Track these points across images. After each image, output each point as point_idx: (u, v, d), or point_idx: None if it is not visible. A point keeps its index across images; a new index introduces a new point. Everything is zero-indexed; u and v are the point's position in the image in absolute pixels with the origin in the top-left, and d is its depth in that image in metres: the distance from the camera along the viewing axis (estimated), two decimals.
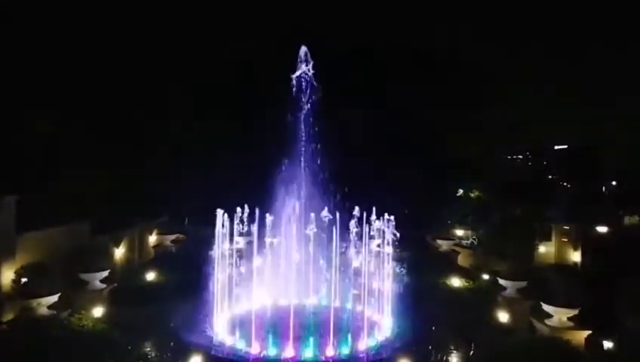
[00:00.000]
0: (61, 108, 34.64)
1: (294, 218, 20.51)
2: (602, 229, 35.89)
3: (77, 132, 35.39)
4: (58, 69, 35.26)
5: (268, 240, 21.42)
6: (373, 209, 20.96)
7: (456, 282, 24.73)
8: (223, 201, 20.23)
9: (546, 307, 19.10)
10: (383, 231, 20.84)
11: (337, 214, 18.95)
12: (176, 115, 41.55)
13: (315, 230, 20.64)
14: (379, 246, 23.02)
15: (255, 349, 17.11)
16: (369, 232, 20.58)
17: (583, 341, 17.91)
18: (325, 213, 20.16)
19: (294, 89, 21.76)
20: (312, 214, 20.56)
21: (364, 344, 17.86)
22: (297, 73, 21.72)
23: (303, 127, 22.01)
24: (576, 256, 32.95)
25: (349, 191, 22.12)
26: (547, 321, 19.01)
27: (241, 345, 17.52)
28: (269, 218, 20.92)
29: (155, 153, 39.31)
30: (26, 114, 32.30)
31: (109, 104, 38.44)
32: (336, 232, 18.70)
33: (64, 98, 35.06)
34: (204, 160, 37.12)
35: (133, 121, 39.14)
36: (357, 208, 20.59)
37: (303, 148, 22.10)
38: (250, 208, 20.55)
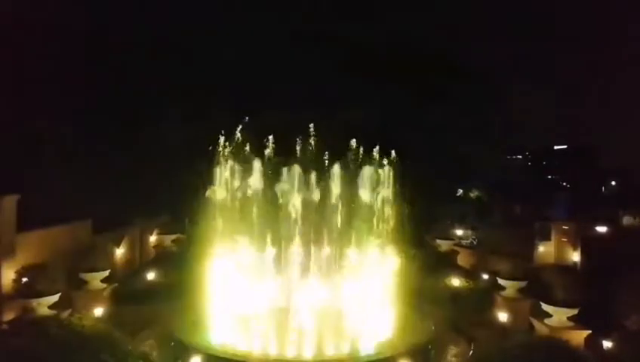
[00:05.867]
0: (61, 108, 34.65)
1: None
2: (602, 229, 35.85)
3: (77, 132, 35.44)
4: (58, 70, 35.24)
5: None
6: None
7: (456, 282, 24.75)
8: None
9: (545, 307, 19.10)
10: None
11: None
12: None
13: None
14: (379, 245, 22.99)
15: (255, 349, 17.13)
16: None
17: (582, 341, 17.91)
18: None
19: None
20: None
21: (364, 343, 17.87)
22: None
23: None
24: (575, 256, 32.89)
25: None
26: (547, 321, 19.01)
27: (240, 345, 17.54)
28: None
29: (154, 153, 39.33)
30: (26, 114, 32.30)
31: (109, 104, 38.47)
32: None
33: (64, 98, 35.06)
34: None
35: (132, 120, 39.20)
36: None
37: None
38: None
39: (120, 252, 27.62)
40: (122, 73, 38.73)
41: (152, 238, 32.41)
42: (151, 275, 24.75)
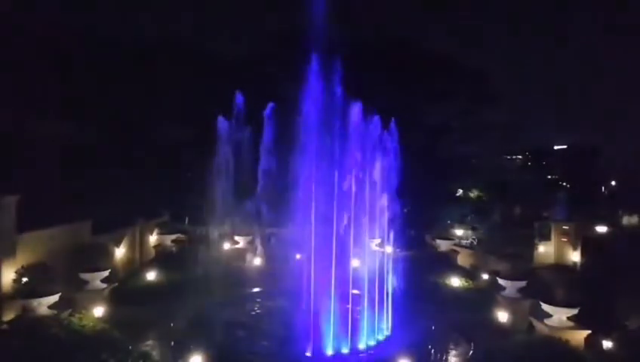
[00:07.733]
0: (61, 108, 34.66)
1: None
2: (602, 229, 35.91)
3: (77, 132, 35.45)
4: (58, 70, 35.22)
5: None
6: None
7: (456, 282, 24.78)
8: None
9: (545, 307, 19.10)
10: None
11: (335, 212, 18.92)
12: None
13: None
14: (378, 245, 22.96)
15: (255, 347, 17.14)
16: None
17: (582, 341, 17.92)
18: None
19: None
20: None
21: (364, 343, 17.89)
22: None
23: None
24: (575, 256, 32.89)
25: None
26: (547, 321, 19.01)
27: (240, 344, 17.55)
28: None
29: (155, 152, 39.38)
30: (26, 114, 32.31)
31: (108, 104, 38.49)
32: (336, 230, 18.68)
33: (64, 99, 35.06)
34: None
35: (132, 120, 39.29)
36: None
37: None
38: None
39: (120, 252, 27.61)
40: (122, 72, 38.70)
41: (152, 238, 32.43)
42: (151, 275, 24.78)
